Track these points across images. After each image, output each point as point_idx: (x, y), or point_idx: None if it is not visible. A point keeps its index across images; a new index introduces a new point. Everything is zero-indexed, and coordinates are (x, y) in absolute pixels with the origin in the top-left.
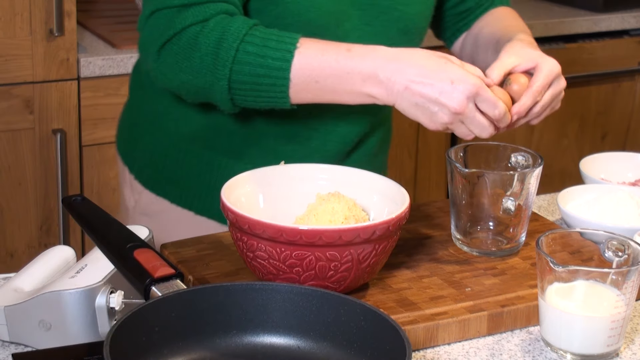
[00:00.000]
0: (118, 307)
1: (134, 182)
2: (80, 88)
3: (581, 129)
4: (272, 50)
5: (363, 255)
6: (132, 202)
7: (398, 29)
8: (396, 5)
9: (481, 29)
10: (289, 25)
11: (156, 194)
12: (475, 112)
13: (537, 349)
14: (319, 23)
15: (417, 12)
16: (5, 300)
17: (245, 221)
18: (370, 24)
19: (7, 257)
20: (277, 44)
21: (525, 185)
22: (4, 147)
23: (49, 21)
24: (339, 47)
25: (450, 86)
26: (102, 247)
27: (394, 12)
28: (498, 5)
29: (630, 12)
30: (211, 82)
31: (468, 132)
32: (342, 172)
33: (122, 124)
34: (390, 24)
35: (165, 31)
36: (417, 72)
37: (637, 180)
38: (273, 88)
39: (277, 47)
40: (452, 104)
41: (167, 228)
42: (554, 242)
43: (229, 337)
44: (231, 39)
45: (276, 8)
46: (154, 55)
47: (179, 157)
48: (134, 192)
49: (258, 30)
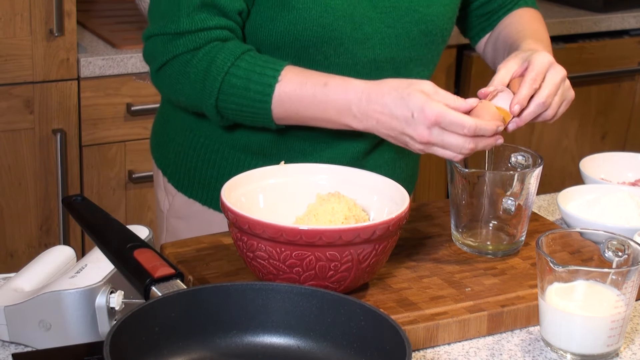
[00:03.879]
0: (118, 307)
1: (168, 185)
2: (80, 88)
3: (581, 129)
4: (254, 83)
5: (363, 255)
6: (167, 204)
7: (420, 30)
8: (417, 7)
9: (500, 32)
10: (302, 31)
11: (187, 196)
12: (443, 137)
13: (537, 349)
14: (334, 27)
15: (438, 14)
16: (5, 300)
17: (245, 221)
18: (392, 27)
19: (7, 257)
20: (260, 77)
21: (525, 185)
22: (4, 147)
23: (49, 21)
24: (317, 81)
25: (411, 119)
26: (102, 247)
27: (414, 14)
28: (522, 6)
29: (630, 12)
30: (201, 106)
31: (448, 153)
32: (342, 172)
33: (156, 127)
34: (412, 25)
35: (160, 57)
36: (382, 108)
37: (637, 180)
38: (257, 116)
39: (260, 80)
40: (416, 135)
41: (199, 231)
42: (554, 242)
43: (229, 337)
44: (216, 72)
45: (289, 14)
46: (153, 74)
47: (210, 158)
48: (167, 195)
49: (244, 61)
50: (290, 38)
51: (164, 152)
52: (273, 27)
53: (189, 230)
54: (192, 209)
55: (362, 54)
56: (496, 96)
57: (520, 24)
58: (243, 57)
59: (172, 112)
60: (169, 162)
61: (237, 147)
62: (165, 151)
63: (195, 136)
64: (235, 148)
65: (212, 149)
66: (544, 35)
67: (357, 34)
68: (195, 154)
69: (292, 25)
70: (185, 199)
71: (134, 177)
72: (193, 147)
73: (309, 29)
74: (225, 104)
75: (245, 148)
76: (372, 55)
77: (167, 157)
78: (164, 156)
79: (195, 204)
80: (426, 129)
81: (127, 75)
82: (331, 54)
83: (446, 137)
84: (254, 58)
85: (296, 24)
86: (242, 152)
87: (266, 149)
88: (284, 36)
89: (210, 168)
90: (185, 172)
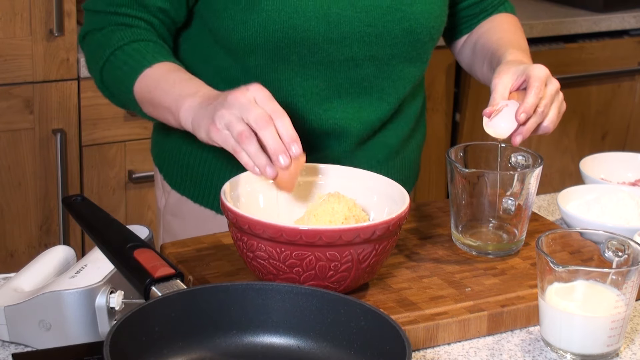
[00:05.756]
0: (118, 307)
1: (164, 183)
2: (80, 88)
3: (581, 129)
4: (133, 60)
5: (363, 255)
6: (163, 202)
7: (402, 28)
8: (399, 6)
9: (479, 38)
10: (274, 33)
11: (180, 193)
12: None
13: (537, 349)
14: (305, 27)
15: (422, 12)
16: (5, 300)
17: (245, 221)
18: (372, 25)
19: (7, 257)
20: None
21: (525, 185)
22: (4, 147)
23: (49, 21)
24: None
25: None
26: (102, 247)
27: (396, 13)
28: (502, 11)
29: (630, 12)
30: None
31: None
32: (342, 172)
33: (155, 123)
34: (394, 24)
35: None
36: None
37: (637, 180)
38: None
39: (139, 59)
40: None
41: (193, 228)
42: (554, 242)
43: (229, 337)
44: (108, 46)
45: (259, 17)
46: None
47: (201, 156)
48: (164, 192)
49: (137, 44)
50: (262, 40)
51: (160, 149)
52: (245, 30)
53: (183, 227)
54: (185, 207)
55: (339, 53)
56: (501, 111)
57: (500, 31)
58: (138, 42)
59: None
60: (164, 159)
61: None
62: (162, 149)
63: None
64: None
65: (205, 146)
66: (524, 44)
67: (332, 34)
68: (188, 151)
69: (262, 27)
70: (179, 196)
71: (134, 177)
72: (186, 145)
73: (280, 30)
74: (107, 76)
75: None
76: (350, 54)
77: (164, 154)
78: (161, 154)
79: (187, 202)
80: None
81: None
82: (305, 53)
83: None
84: (148, 47)
85: (266, 26)
86: None
87: None
88: (255, 38)
89: (201, 165)
90: (178, 170)
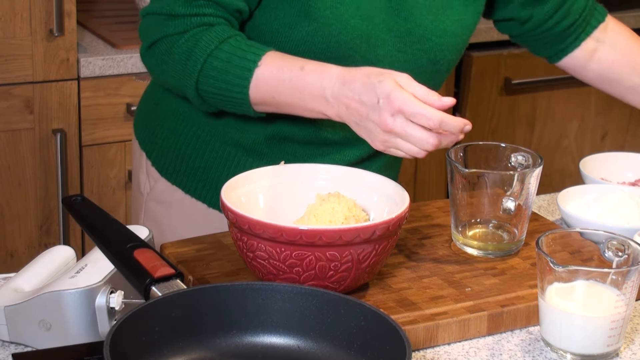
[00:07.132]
0: (118, 307)
1: (151, 169)
2: (80, 88)
3: (581, 129)
4: (234, 67)
5: (363, 255)
6: (147, 188)
7: (428, 58)
8: (429, 36)
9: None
10: (319, 44)
11: (172, 182)
12: (406, 127)
13: (537, 349)
14: (350, 45)
15: (448, 45)
16: (5, 300)
17: (245, 221)
18: (403, 51)
19: (7, 257)
20: (240, 60)
21: (525, 185)
22: (4, 147)
23: (49, 21)
24: (294, 65)
25: (377, 105)
26: (102, 247)
27: (426, 42)
28: (600, 18)
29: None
30: (183, 87)
31: (410, 147)
32: (342, 172)
33: (143, 107)
34: (422, 53)
35: (152, 35)
36: (352, 94)
37: (637, 180)
38: (235, 100)
39: (240, 64)
40: (379, 121)
41: (179, 218)
42: (554, 242)
43: (229, 337)
44: (199, 53)
45: (309, 25)
46: (143, 51)
47: (199, 148)
48: (149, 178)
49: (228, 45)
50: (305, 49)
51: (150, 135)
52: (291, 35)
53: (168, 216)
54: (174, 196)
55: None
56: None
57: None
58: (228, 41)
59: (162, 95)
60: (154, 146)
61: (229, 142)
62: (151, 134)
63: (187, 124)
64: (226, 142)
65: (204, 139)
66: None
67: (370, 55)
68: (185, 142)
69: (310, 36)
70: (169, 185)
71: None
72: (184, 135)
73: (326, 43)
74: (205, 87)
75: (236, 144)
76: None
77: (154, 140)
78: (150, 139)
79: (177, 191)
80: (390, 116)
81: (127, 75)
82: None
83: (410, 128)
84: (239, 42)
85: (314, 36)
86: (232, 147)
87: (258, 148)
88: (299, 45)
89: (198, 158)
90: (172, 159)
